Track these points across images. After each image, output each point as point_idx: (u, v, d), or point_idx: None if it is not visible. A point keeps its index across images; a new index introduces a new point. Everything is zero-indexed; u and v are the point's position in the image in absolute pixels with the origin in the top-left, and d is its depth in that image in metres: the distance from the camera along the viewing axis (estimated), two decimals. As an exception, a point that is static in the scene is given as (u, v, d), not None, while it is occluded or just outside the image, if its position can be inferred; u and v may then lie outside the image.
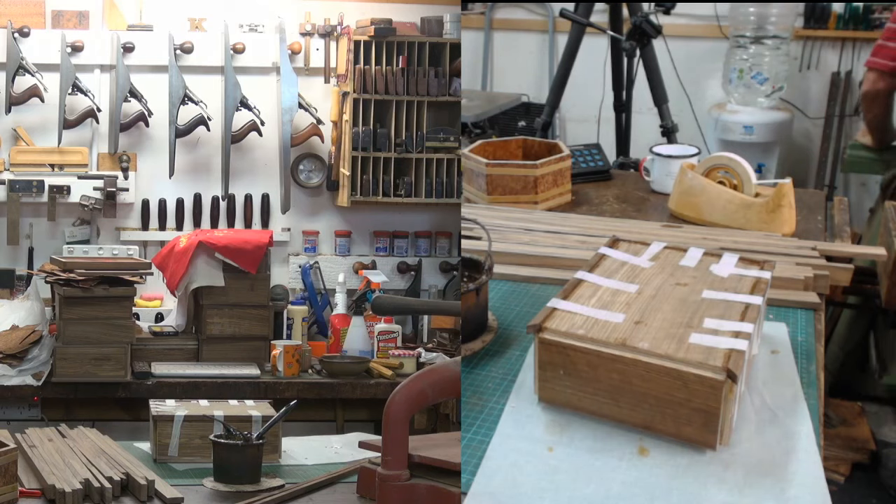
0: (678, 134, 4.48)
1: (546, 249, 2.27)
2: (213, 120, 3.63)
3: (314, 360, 3.33)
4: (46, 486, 1.65)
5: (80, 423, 2.19)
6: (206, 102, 3.61)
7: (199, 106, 3.60)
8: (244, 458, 1.80)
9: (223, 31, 3.63)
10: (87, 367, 3.01)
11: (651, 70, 4.39)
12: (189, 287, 3.27)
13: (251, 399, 2.33)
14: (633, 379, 1.43)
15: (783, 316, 1.97)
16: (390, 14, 3.70)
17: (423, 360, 3.32)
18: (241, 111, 3.64)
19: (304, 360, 3.26)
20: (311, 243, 3.78)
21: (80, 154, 3.59)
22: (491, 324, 1.85)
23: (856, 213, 5.30)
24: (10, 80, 3.48)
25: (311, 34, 3.74)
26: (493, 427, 1.48)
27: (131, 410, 3.07)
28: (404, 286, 3.83)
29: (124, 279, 3.09)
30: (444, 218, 3.87)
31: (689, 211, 2.68)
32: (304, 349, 3.27)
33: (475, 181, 2.82)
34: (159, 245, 3.57)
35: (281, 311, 3.50)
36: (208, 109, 3.62)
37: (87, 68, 3.58)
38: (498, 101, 5.68)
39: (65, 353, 3.01)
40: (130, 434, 2.67)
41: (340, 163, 3.71)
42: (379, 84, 3.63)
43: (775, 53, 5.24)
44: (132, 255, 3.41)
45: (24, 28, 3.51)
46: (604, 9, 4.64)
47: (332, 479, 1.86)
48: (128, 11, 3.63)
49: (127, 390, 3.06)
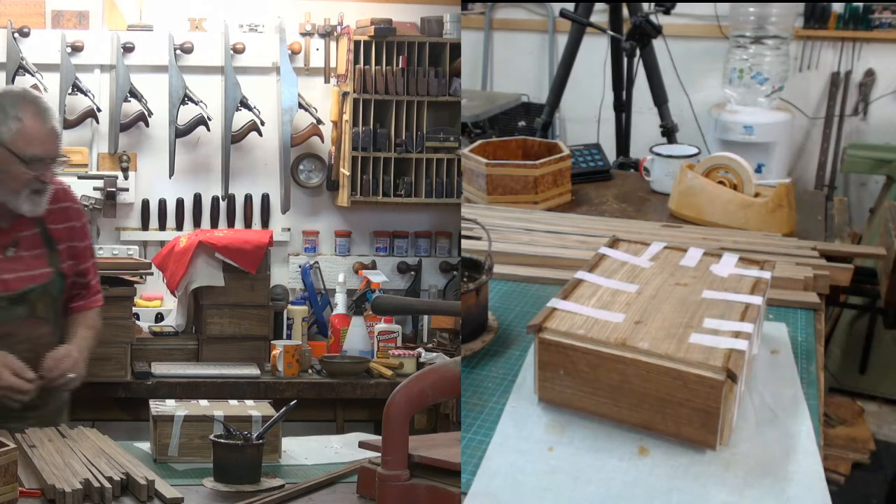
0: (678, 134, 4.48)
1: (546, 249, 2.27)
2: (213, 120, 3.63)
3: (314, 360, 3.33)
4: (46, 486, 1.65)
5: (80, 423, 2.19)
6: (206, 102, 3.61)
7: (199, 106, 3.60)
8: (244, 458, 1.80)
9: (223, 31, 3.63)
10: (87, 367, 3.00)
11: (651, 70, 4.39)
12: (189, 287, 3.27)
13: (251, 399, 2.33)
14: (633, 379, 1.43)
15: (783, 316, 1.97)
16: (390, 14, 3.70)
17: (423, 360, 3.32)
18: (241, 111, 3.64)
19: (304, 360, 3.26)
20: (311, 243, 3.78)
21: (80, 154, 3.59)
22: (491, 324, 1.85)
23: (856, 213, 5.30)
24: (10, 80, 3.47)
25: (311, 34, 3.74)
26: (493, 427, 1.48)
27: (131, 410, 3.07)
28: (404, 286, 3.83)
29: (124, 279, 3.09)
30: (444, 218, 3.87)
31: (689, 211, 2.68)
32: (304, 349, 3.27)
33: (475, 181, 2.82)
34: (159, 245, 3.57)
35: (281, 311, 3.49)
36: (208, 109, 3.62)
37: (87, 68, 3.58)
38: (498, 101, 5.68)
39: (65, 353, 3.01)
40: (130, 434, 2.66)
41: (340, 163, 3.71)
42: (379, 84, 3.63)
43: (775, 53, 5.23)
44: (132, 255, 3.41)
45: (24, 28, 3.51)
46: (604, 9, 4.64)
47: (332, 479, 1.86)
48: (128, 11, 3.63)
49: (127, 390, 3.06)
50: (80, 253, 2.32)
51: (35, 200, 2.16)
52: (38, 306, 2.23)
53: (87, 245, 2.36)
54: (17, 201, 2.15)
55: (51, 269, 2.25)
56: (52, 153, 2.17)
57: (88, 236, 2.38)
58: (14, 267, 2.20)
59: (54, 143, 2.18)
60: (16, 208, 2.16)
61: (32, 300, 2.22)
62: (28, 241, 2.23)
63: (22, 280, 2.20)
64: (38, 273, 2.23)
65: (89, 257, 2.37)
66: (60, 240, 2.27)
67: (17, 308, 2.20)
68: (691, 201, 2.67)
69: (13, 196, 2.14)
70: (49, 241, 2.26)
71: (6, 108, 2.13)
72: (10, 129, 2.12)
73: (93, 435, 2.00)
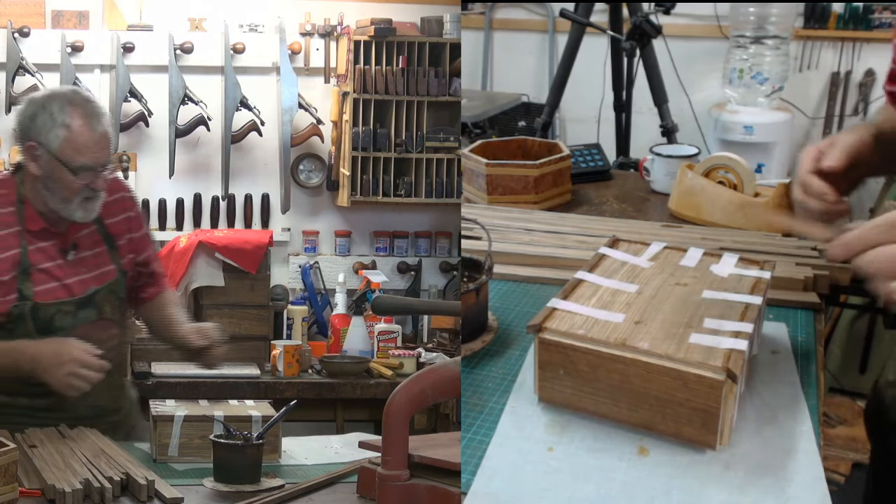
0: (678, 134, 4.48)
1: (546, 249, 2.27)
2: (213, 120, 3.63)
3: (314, 360, 3.34)
4: (46, 486, 1.65)
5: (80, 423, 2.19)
6: (206, 102, 3.61)
7: (199, 106, 3.60)
8: (244, 458, 1.80)
9: (223, 31, 3.63)
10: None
11: (651, 70, 4.39)
12: (189, 287, 3.28)
13: (251, 399, 2.33)
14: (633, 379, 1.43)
15: (783, 316, 1.97)
16: (390, 14, 3.70)
17: (423, 360, 3.32)
18: (241, 111, 3.64)
19: (304, 360, 3.26)
20: (311, 243, 3.78)
21: (80, 154, 3.59)
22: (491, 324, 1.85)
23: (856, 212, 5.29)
24: (10, 80, 3.48)
25: (311, 34, 3.74)
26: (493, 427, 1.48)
27: (131, 410, 3.07)
28: (404, 286, 3.83)
29: (124, 279, 3.09)
30: (444, 218, 3.87)
31: (689, 211, 2.68)
32: (304, 349, 3.27)
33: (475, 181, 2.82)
34: (159, 245, 3.57)
35: (281, 311, 3.50)
36: (208, 109, 3.62)
37: (87, 68, 3.59)
38: (498, 101, 5.68)
39: (65, 353, 3.00)
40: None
41: (340, 163, 3.71)
42: (379, 84, 3.63)
43: (775, 53, 5.23)
44: (132, 255, 3.40)
45: (24, 28, 3.51)
46: (604, 9, 4.64)
47: (332, 479, 1.86)
48: (128, 11, 3.64)
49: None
50: (138, 243, 2.25)
51: (87, 207, 2.09)
52: (105, 307, 2.15)
53: (144, 233, 2.28)
54: (69, 209, 2.08)
55: (113, 266, 2.18)
56: (102, 161, 2.09)
57: (144, 225, 2.30)
58: (76, 270, 2.13)
59: (104, 151, 2.09)
60: (69, 216, 2.09)
61: (98, 302, 2.14)
62: (87, 240, 2.15)
63: (86, 283, 2.13)
64: (102, 273, 2.15)
65: (149, 245, 2.29)
66: (119, 234, 2.20)
67: (84, 312, 2.12)
68: (691, 201, 2.67)
69: (65, 204, 2.07)
70: (108, 238, 2.18)
71: (54, 114, 2.05)
72: (58, 136, 2.04)
73: (93, 435, 2.00)
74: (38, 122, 2.05)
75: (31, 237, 2.09)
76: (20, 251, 2.07)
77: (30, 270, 2.07)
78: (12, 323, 2.06)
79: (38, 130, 2.05)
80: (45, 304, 2.07)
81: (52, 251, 2.11)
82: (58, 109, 2.05)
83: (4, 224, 2.09)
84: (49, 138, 2.04)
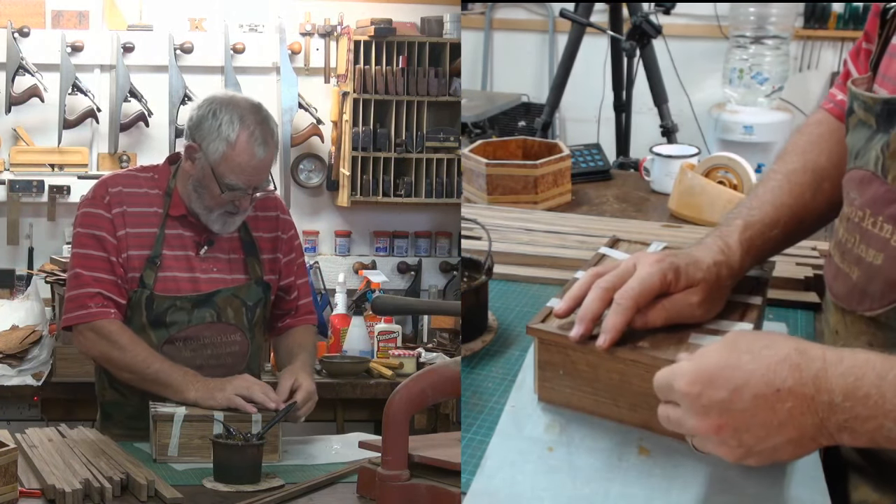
0: (678, 134, 4.48)
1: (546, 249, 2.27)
2: (213, 120, 3.63)
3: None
4: (46, 486, 1.65)
5: (80, 423, 2.19)
6: (206, 102, 3.61)
7: (199, 106, 3.60)
8: (244, 458, 1.80)
9: (223, 31, 3.63)
10: (87, 367, 3.00)
11: (651, 70, 4.39)
12: (189, 287, 3.27)
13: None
14: (633, 379, 1.43)
15: (783, 316, 1.97)
16: (390, 14, 3.70)
17: (423, 360, 3.32)
18: (241, 111, 3.64)
19: (304, 360, 3.26)
20: (311, 243, 3.78)
21: (80, 154, 3.59)
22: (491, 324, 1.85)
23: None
24: (10, 80, 3.48)
25: (311, 34, 3.74)
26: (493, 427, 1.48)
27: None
28: (404, 286, 3.83)
29: (124, 279, 3.09)
30: (444, 218, 3.87)
31: (689, 211, 2.68)
32: (304, 349, 3.27)
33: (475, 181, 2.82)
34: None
35: (281, 311, 3.49)
36: (208, 109, 3.62)
37: (87, 68, 3.59)
38: (498, 101, 5.68)
39: (65, 353, 3.01)
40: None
41: (340, 163, 3.71)
42: (379, 84, 3.64)
43: (775, 53, 5.24)
44: (132, 255, 3.39)
45: (24, 28, 3.52)
46: (604, 9, 4.64)
47: (332, 479, 1.86)
48: (128, 11, 3.64)
49: (127, 390, 3.06)
50: (284, 267, 2.21)
51: (227, 221, 2.07)
52: (226, 311, 2.11)
53: (291, 260, 2.23)
54: (208, 218, 2.06)
55: (247, 276, 2.14)
56: (254, 184, 2.05)
57: (296, 252, 2.25)
58: (206, 267, 2.10)
59: (260, 175, 2.05)
60: (207, 224, 2.07)
61: (218, 303, 2.10)
62: (225, 242, 2.12)
63: (213, 282, 2.10)
64: (231, 277, 2.12)
65: (295, 274, 2.25)
66: (264, 249, 2.17)
67: (200, 311, 2.09)
68: (691, 201, 2.67)
69: (206, 212, 2.05)
70: (250, 247, 2.15)
71: (221, 125, 2.00)
72: (218, 149, 2.00)
73: (93, 435, 2.00)
74: (203, 127, 2.02)
75: (171, 221, 2.09)
76: (157, 231, 2.07)
77: (158, 260, 2.06)
78: (130, 310, 2.07)
79: (203, 135, 2.02)
80: (161, 296, 2.07)
81: (188, 242, 2.10)
82: (227, 122, 2.00)
83: (149, 203, 2.08)
84: (209, 148, 2.01)
